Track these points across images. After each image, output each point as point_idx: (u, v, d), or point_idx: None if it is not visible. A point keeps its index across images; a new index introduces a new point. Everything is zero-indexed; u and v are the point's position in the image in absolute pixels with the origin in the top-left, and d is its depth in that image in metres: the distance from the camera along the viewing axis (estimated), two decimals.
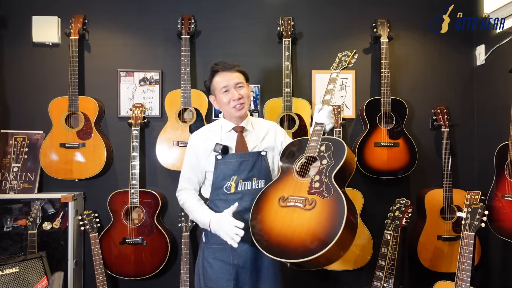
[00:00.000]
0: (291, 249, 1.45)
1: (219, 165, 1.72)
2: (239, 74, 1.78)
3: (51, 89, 2.68)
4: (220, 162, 1.72)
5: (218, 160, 1.72)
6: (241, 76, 1.78)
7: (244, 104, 1.76)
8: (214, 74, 1.78)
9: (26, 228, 2.48)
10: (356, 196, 2.66)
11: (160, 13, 2.79)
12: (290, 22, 2.70)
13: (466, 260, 2.01)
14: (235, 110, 1.76)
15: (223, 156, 1.72)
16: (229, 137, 1.80)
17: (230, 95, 1.74)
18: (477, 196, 2.19)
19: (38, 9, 2.71)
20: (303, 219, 1.50)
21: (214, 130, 1.83)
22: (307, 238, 1.45)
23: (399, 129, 2.67)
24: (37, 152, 2.61)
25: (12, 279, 2.21)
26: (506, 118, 2.27)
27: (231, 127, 1.80)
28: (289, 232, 1.49)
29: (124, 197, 2.57)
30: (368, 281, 2.49)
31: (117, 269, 2.57)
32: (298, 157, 1.69)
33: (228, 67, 1.76)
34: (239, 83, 1.76)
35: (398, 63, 2.86)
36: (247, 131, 1.83)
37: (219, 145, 1.71)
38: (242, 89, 1.76)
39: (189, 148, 1.82)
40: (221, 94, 1.76)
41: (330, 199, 1.52)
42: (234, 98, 1.73)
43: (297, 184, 1.61)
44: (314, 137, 1.67)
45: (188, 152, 1.83)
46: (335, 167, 1.57)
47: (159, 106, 2.77)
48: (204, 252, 1.77)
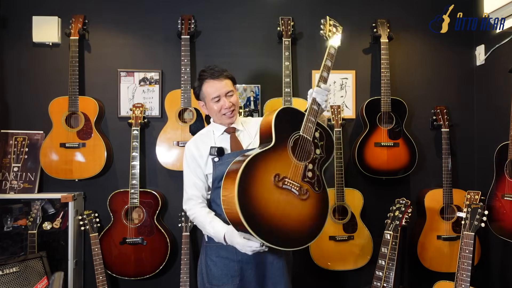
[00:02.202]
0: (281, 235, 1.43)
1: (217, 167, 1.72)
2: (228, 81, 1.78)
3: (51, 89, 2.68)
4: (218, 164, 1.72)
5: (215, 163, 1.73)
6: (230, 83, 1.79)
7: (234, 111, 1.80)
8: (202, 81, 1.78)
9: (26, 228, 2.48)
10: (356, 196, 2.66)
11: (160, 13, 2.79)
12: (290, 22, 2.70)
13: (466, 260, 2.01)
14: (226, 118, 1.79)
15: (220, 157, 1.72)
16: (223, 139, 1.81)
17: (221, 103, 1.76)
18: (477, 196, 2.19)
19: (38, 9, 2.71)
20: (295, 208, 1.48)
21: (207, 135, 1.84)
22: (297, 229, 1.45)
23: (399, 129, 2.67)
24: (37, 152, 2.61)
25: (12, 279, 2.21)
26: (506, 118, 2.27)
27: (223, 130, 1.82)
28: (283, 218, 1.45)
29: (124, 197, 2.58)
30: (368, 281, 2.49)
31: (117, 269, 2.57)
32: (293, 132, 1.56)
33: (216, 75, 1.75)
34: (229, 91, 1.77)
35: (398, 63, 2.86)
36: (238, 130, 1.84)
37: (214, 148, 1.72)
38: (232, 97, 1.78)
39: (187, 156, 1.82)
40: (211, 103, 1.77)
41: (319, 194, 1.54)
42: (226, 107, 1.76)
43: (292, 165, 1.51)
44: (311, 116, 1.57)
45: (186, 160, 1.83)
46: (326, 161, 1.54)
47: (159, 106, 2.77)
48: (207, 251, 1.77)
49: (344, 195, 2.63)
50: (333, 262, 2.63)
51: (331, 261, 2.63)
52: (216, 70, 1.77)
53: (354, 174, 2.79)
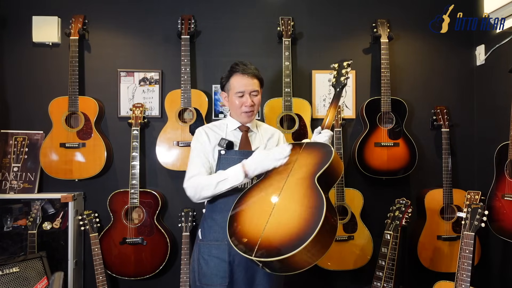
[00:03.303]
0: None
1: (221, 161, 1.72)
2: (256, 81, 1.79)
3: (51, 89, 2.68)
4: (223, 158, 1.72)
5: (221, 156, 1.73)
6: (258, 83, 1.80)
7: (254, 111, 1.79)
8: (232, 73, 1.78)
9: (26, 228, 2.48)
10: (356, 196, 2.66)
11: (160, 13, 2.79)
12: (290, 22, 2.70)
13: (466, 260, 2.01)
14: (244, 115, 1.78)
15: (227, 151, 1.73)
16: (234, 135, 1.81)
17: (243, 99, 1.76)
18: (477, 196, 2.19)
19: (38, 9, 2.71)
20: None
21: (220, 127, 1.84)
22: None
23: (399, 129, 2.67)
24: (37, 152, 2.61)
25: (12, 279, 2.21)
26: (506, 118, 2.27)
27: (236, 126, 1.82)
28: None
29: (124, 197, 2.58)
30: (368, 281, 2.49)
31: (117, 269, 2.57)
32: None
33: (248, 72, 1.76)
34: (255, 91, 1.78)
35: (398, 63, 2.86)
36: (252, 131, 1.85)
37: (224, 139, 1.73)
38: (256, 97, 1.79)
39: (198, 138, 1.80)
40: (234, 96, 1.77)
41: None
42: (247, 104, 1.75)
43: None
44: None
45: (198, 141, 1.79)
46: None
47: (159, 106, 2.77)
48: (200, 249, 1.76)
49: (344, 195, 2.63)
50: (333, 262, 2.63)
51: (331, 261, 2.63)
52: (248, 66, 1.78)
53: (354, 174, 2.79)
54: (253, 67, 1.80)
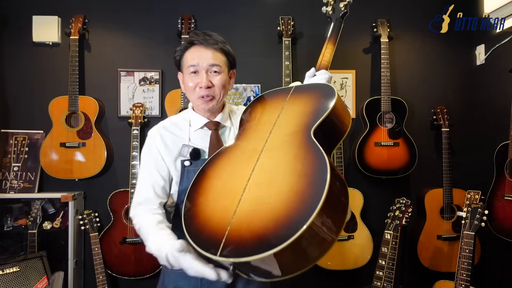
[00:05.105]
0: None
1: (187, 174, 1.27)
2: (219, 54, 1.29)
3: (51, 89, 2.68)
4: (189, 170, 1.27)
5: (185, 168, 1.28)
6: (221, 58, 1.30)
7: (213, 97, 1.29)
8: (188, 46, 1.30)
9: (26, 228, 2.48)
10: (356, 195, 2.66)
11: (160, 13, 2.79)
12: (290, 22, 2.70)
13: (466, 260, 2.01)
14: (200, 102, 1.30)
15: (192, 162, 1.28)
16: (200, 136, 1.34)
17: (198, 79, 1.27)
18: (477, 196, 2.19)
19: (38, 9, 2.71)
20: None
21: (180, 126, 1.37)
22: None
23: (399, 128, 2.67)
24: (37, 151, 2.61)
25: (12, 279, 2.21)
26: (506, 118, 2.28)
27: (203, 123, 1.34)
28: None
29: (124, 197, 2.58)
30: (368, 281, 2.49)
31: (117, 269, 2.57)
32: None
33: (207, 42, 1.27)
34: (215, 65, 1.27)
35: (398, 63, 2.86)
36: (224, 127, 1.37)
37: (187, 147, 1.29)
38: (216, 76, 1.28)
39: (149, 146, 1.34)
40: (187, 75, 1.29)
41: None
42: (201, 85, 1.26)
43: None
44: None
45: (148, 151, 1.34)
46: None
47: (159, 105, 2.77)
48: (164, 279, 1.35)
49: None
50: (333, 262, 2.63)
51: (331, 260, 2.63)
52: (212, 37, 1.29)
53: (354, 173, 2.79)
54: (220, 39, 1.31)
